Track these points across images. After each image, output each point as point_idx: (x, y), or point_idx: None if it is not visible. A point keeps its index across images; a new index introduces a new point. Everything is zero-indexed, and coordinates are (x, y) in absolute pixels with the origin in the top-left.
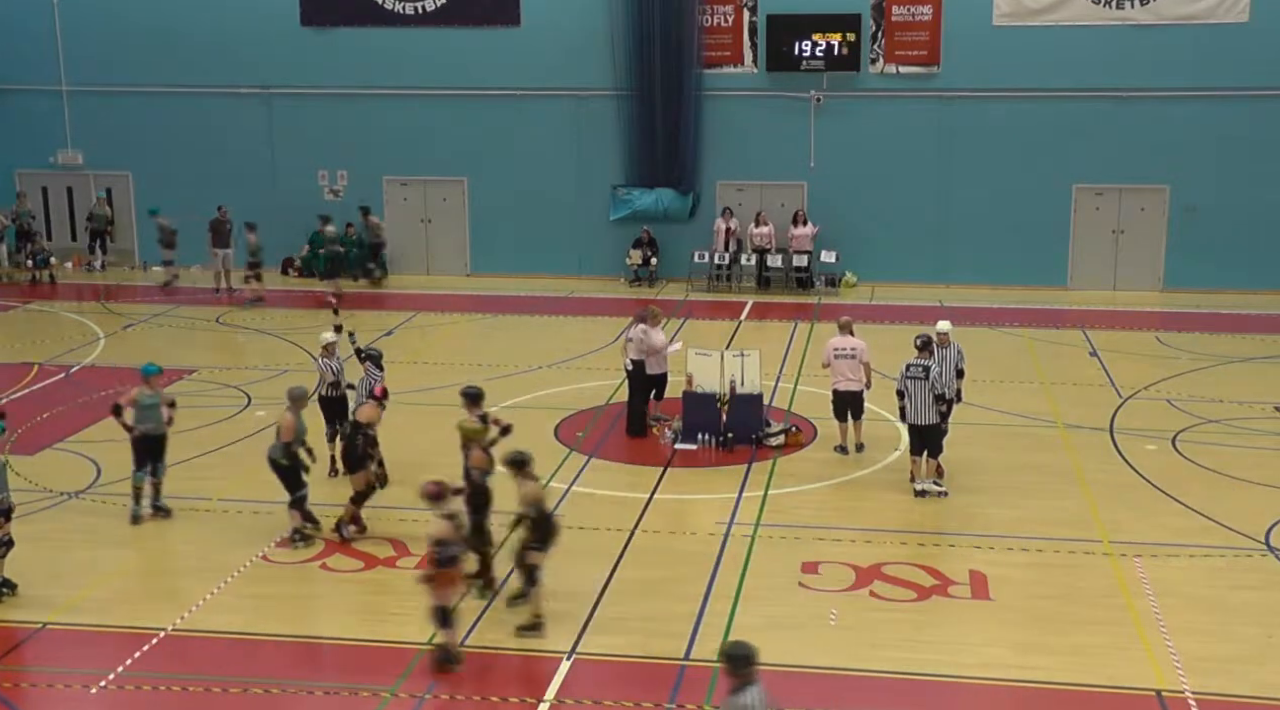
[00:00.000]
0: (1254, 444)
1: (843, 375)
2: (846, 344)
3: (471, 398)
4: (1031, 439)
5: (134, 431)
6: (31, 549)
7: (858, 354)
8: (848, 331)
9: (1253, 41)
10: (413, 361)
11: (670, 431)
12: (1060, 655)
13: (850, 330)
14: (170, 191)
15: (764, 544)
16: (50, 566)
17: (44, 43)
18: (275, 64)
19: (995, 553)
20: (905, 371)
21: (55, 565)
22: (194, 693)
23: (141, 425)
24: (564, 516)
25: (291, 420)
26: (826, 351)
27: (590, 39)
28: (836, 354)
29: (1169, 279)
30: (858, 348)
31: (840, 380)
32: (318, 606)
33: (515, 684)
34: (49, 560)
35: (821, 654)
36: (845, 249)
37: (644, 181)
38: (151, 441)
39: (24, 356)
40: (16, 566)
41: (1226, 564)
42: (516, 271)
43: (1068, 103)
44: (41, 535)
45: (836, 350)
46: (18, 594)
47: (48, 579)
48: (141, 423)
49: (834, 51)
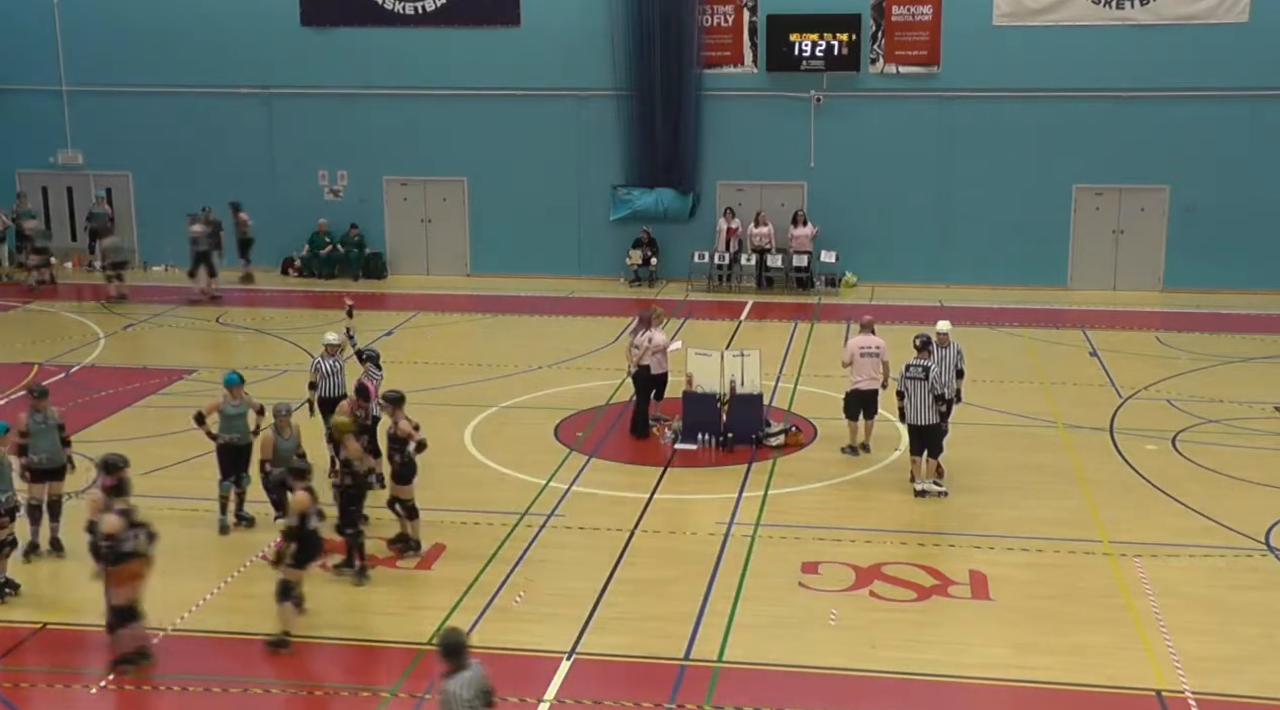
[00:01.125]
0: (1254, 444)
1: (866, 374)
2: (871, 342)
3: (393, 401)
4: (1031, 439)
5: (219, 440)
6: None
7: (880, 352)
8: (870, 330)
9: (1253, 42)
10: (413, 361)
11: (670, 431)
12: (1060, 655)
13: (872, 329)
14: (170, 192)
15: (764, 544)
16: (50, 566)
17: (44, 43)
18: (275, 64)
19: (995, 553)
20: (905, 372)
21: (55, 565)
22: (194, 693)
23: (227, 434)
24: (565, 516)
25: (271, 438)
26: (850, 350)
27: (590, 39)
28: (862, 352)
29: (1169, 279)
30: (881, 346)
31: (863, 379)
32: (317, 607)
33: (515, 683)
34: (49, 560)
35: (821, 654)
36: (845, 249)
37: (644, 181)
38: (236, 451)
39: (24, 356)
40: (18, 566)
41: (1226, 564)
42: (516, 271)
43: (1068, 103)
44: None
45: (862, 349)
46: (20, 594)
47: (48, 579)
48: (227, 432)
49: (834, 51)
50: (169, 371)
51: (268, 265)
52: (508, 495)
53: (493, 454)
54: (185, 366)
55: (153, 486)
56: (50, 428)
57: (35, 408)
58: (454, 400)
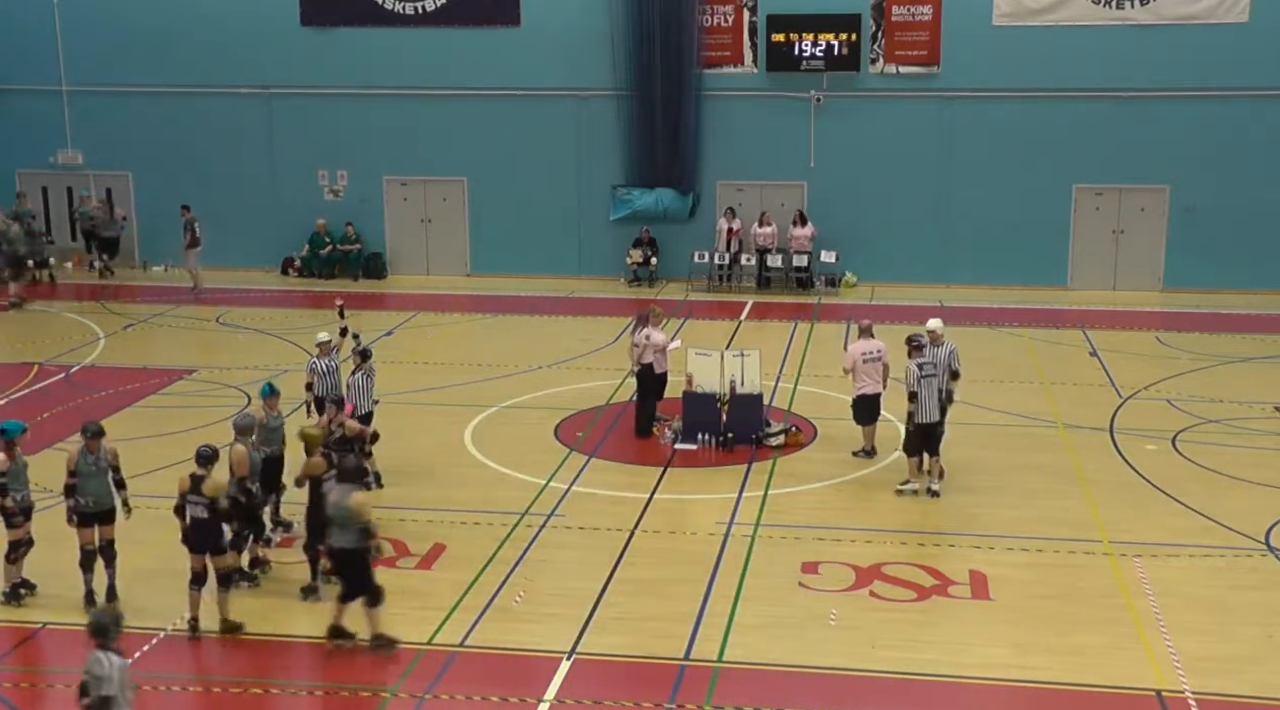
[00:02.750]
0: (1254, 444)
1: (869, 379)
2: (872, 347)
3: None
4: (1031, 439)
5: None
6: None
7: (882, 355)
8: (869, 334)
9: (1253, 42)
10: (413, 361)
11: (670, 431)
12: (1060, 655)
13: (871, 333)
14: (170, 192)
15: (764, 544)
16: (51, 566)
17: (44, 43)
18: (275, 64)
19: (995, 553)
20: (919, 372)
21: (55, 565)
22: (194, 693)
23: (267, 447)
24: (565, 516)
25: (244, 452)
26: (852, 357)
27: (590, 39)
28: (865, 358)
29: (1169, 279)
30: (882, 349)
31: (866, 384)
32: (317, 607)
33: (515, 684)
34: (49, 560)
35: (822, 654)
36: (845, 249)
37: (644, 181)
38: (275, 463)
39: (24, 356)
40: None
41: (1226, 564)
42: (516, 271)
43: (1068, 103)
44: (42, 535)
45: (865, 354)
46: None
47: (48, 579)
48: (267, 444)
49: (834, 51)
50: (169, 371)
51: (268, 265)
52: (508, 495)
53: (493, 454)
54: (185, 367)
55: (152, 487)
56: (102, 469)
57: (89, 448)
58: (454, 400)
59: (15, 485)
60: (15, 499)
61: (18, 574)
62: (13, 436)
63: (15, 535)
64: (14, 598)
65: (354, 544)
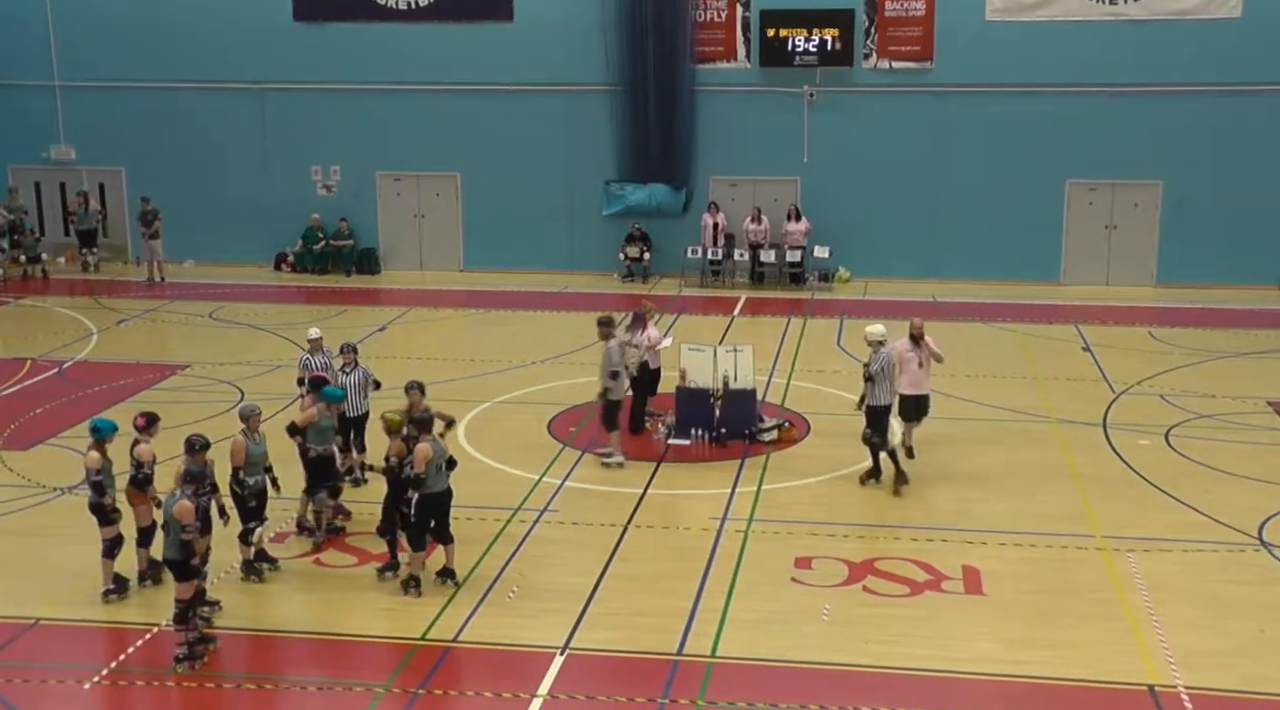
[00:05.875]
0: (1247, 439)
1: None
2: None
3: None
4: (1024, 434)
5: (310, 453)
6: (24, 544)
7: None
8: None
9: (1245, 37)
10: (406, 357)
11: (663, 427)
12: (1053, 650)
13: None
14: (163, 187)
15: (757, 539)
16: (43, 562)
17: (37, 38)
18: (268, 59)
19: (988, 548)
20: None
21: (48, 560)
22: (187, 688)
23: (320, 446)
24: (558, 511)
25: (241, 443)
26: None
27: (583, 34)
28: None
29: (1162, 274)
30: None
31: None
32: (312, 602)
33: (508, 678)
34: (42, 555)
35: (815, 649)
36: (838, 244)
37: (637, 177)
38: (326, 462)
39: (17, 352)
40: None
41: (1219, 559)
42: (509, 267)
43: (1061, 98)
44: (35, 530)
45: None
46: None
47: (41, 574)
48: (320, 443)
49: (827, 47)
50: (162, 366)
51: (261, 260)
52: (501, 490)
53: (486, 449)
54: (178, 362)
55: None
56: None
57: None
58: (447, 395)
59: (109, 482)
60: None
61: (110, 573)
62: (105, 435)
63: (112, 532)
64: (121, 591)
65: (447, 486)
